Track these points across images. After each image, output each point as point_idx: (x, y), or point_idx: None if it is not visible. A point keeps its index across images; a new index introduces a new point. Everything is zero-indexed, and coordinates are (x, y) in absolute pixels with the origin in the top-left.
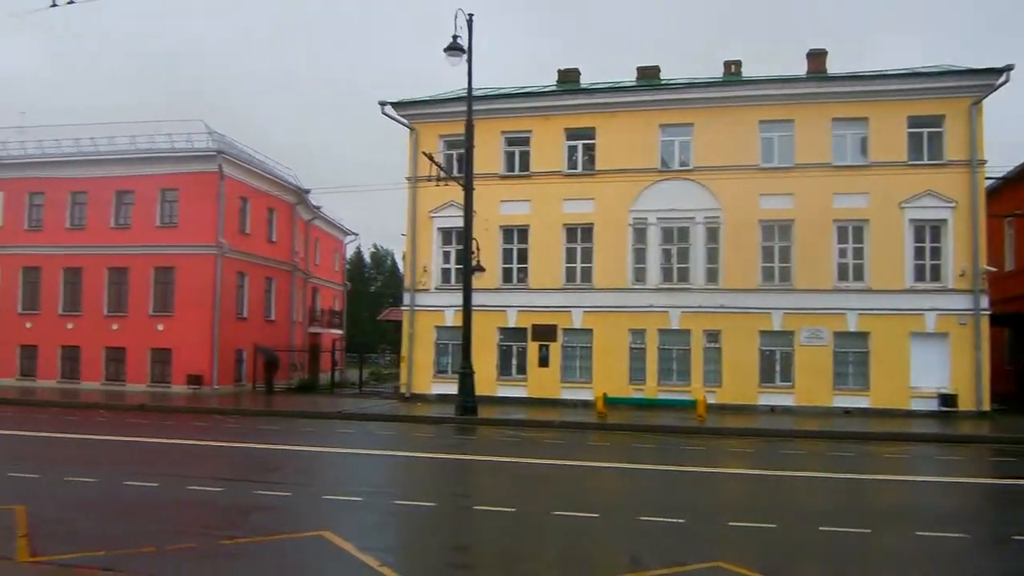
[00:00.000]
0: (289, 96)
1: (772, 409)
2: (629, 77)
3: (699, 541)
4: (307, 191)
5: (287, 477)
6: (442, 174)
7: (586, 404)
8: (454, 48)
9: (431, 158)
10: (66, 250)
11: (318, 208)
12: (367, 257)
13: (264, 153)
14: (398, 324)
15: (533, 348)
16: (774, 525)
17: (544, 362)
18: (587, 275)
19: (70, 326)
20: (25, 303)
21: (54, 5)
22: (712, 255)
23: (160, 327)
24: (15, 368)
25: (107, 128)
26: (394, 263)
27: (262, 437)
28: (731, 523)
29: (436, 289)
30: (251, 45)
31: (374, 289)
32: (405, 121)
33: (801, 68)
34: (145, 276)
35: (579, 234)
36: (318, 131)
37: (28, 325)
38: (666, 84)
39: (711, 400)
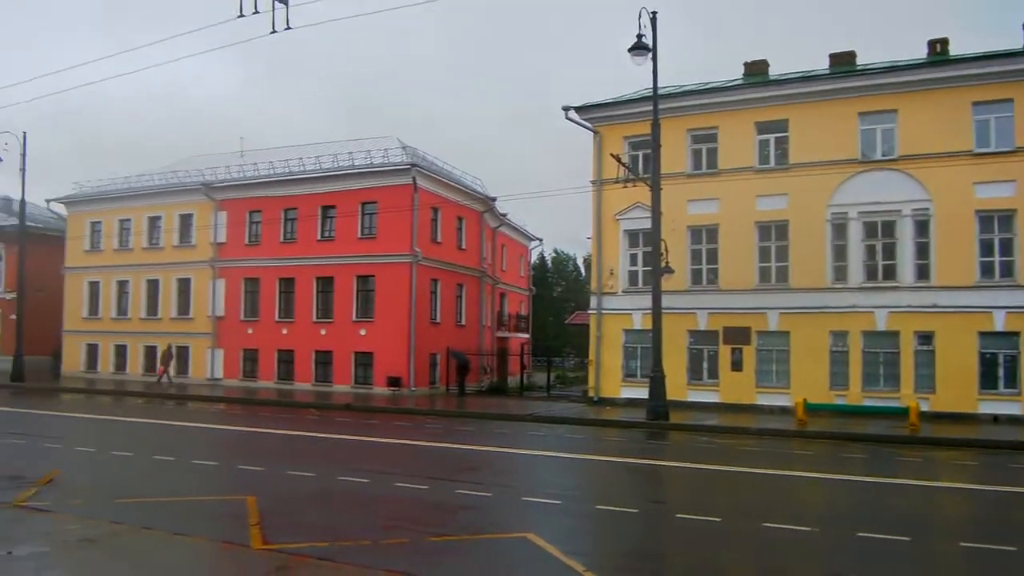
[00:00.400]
0: (472, 106)
1: (995, 419)
2: (821, 65)
3: (929, 563)
4: (493, 199)
5: (487, 477)
6: (629, 175)
7: (783, 410)
8: (639, 47)
9: (618, 160)
10: (280, 262)
11: (504, 215)
12: (549, 262)
13: (452, 163)
14: (583, 328)
15: (725, 351)
16: (1013, 548)
17: (737, 366)
18: (782, 274)
19: (285, 331)
20: (247, 311)
21: (273, 32)
22: (922, 250)
23: (362, 332)
24: (239, 370)
25: (313, 148)
26: (576, 267)
27: (459, 438)
28: (964, 543)
29: (623, 292)
30: (435, 59)
31: (557, 293)
32: (588, 125)
33: (1018, 41)
34: (348, 284)
35: (772, 232)
36: (501, 139)
37: (250, 331)
38: (864, 69)
39: (924, 408)
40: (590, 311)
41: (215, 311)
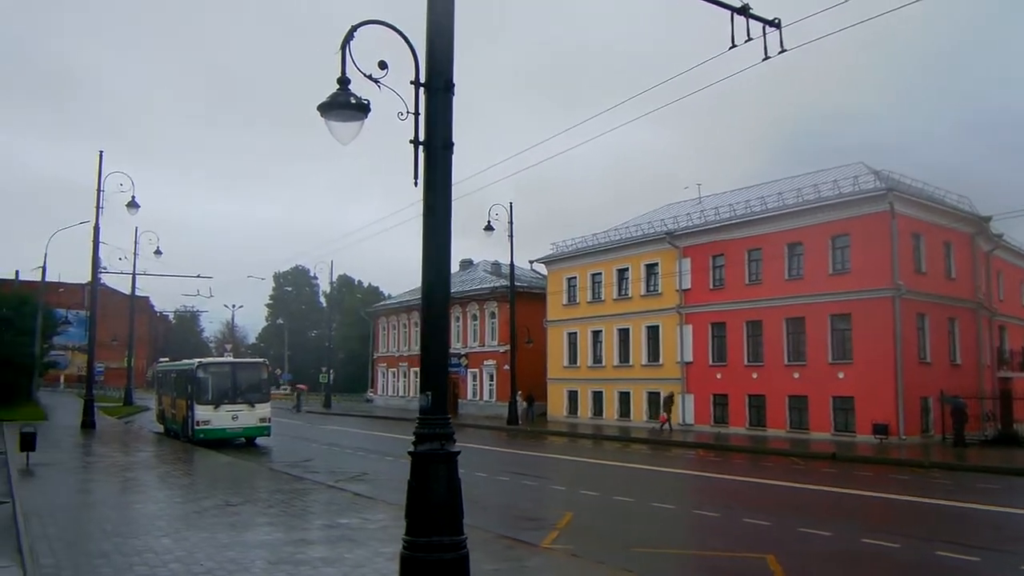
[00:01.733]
0: (929, 121)
1: None
2: None
3: None
4: (987, 219)
5: None
6: None
7: None
8: None
9: None
10: (746, 305)
11: (999, 236)
12: None
13: (932, 183)
14: None
15: None
16: None
17: None
18: None
19: (754, 376)
20: (715, 356)
21: (766, 58)
22: None
23: (840, 375)
24: (709, 415)
25: (772, 186)
26: None
27: (989, 498)
28: None
29: None
30: (880, 76)
31: None
32: None
33: None
34: (821, 324)
35: None
36: (974, 149)
37: (718, 376)
38: None
39: None
40: None
41: (683, 357)
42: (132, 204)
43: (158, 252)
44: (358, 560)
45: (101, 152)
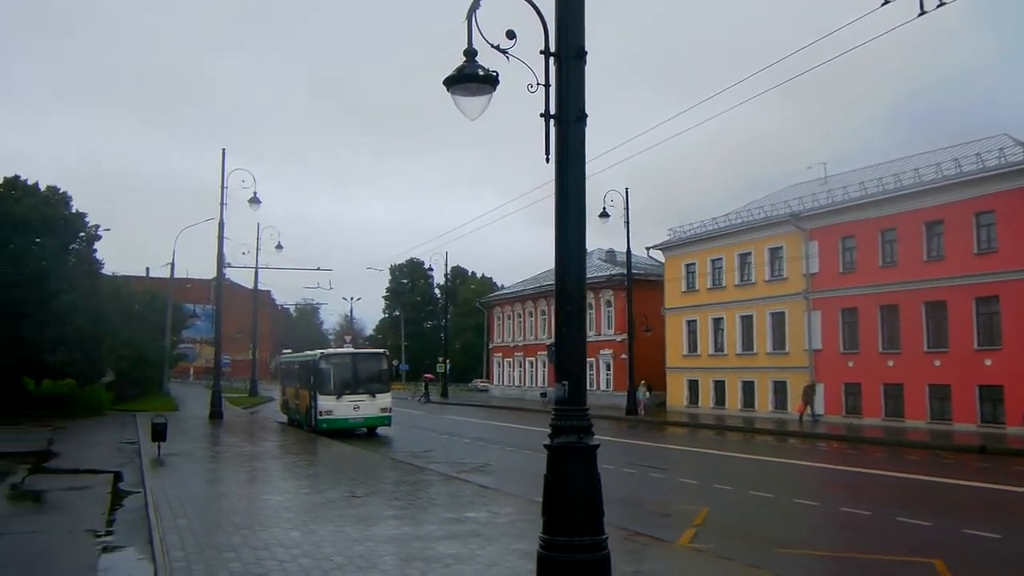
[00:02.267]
0: None
1: None
2: None
3: None
4: None
5: None
6: None
7: None
8: None
9: None
10: (880, 289)
11: None
12: None
13: None
14: None
15: None
16: None
17: None
18: None
19: (890, 363)
20: (846, 343)
21: (922, 13)
22: None
23: (987, 362)
24: (840, 405)
25: (905, 162)
26: None
27: None
28: None
29: None
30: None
31: None
32: None
33: None
34: (965, 308)
35: None
36: None
37: (850, 364)
38: None
39: None
40: None
41: (811, 344)
42: (254, 200)
43: (279, 247)
44: (491, 558)
45: (224, 150)
